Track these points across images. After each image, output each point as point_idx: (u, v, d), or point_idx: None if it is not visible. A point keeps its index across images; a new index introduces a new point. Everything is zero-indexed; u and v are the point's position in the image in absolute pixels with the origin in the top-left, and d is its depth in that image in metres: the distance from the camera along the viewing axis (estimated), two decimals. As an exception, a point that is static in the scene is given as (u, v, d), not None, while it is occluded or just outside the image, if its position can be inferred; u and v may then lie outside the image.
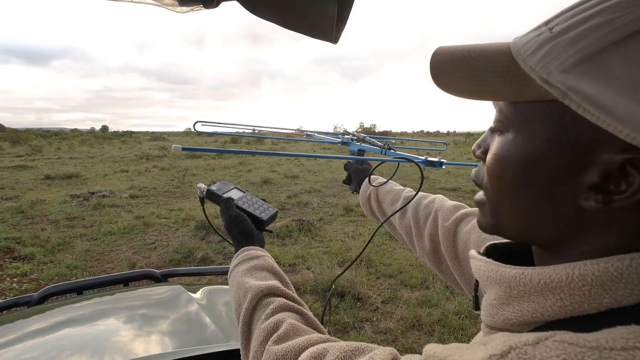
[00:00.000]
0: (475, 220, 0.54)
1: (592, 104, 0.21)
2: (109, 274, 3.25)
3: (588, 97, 0.21)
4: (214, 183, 0.69)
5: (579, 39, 0.22)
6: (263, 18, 0.41)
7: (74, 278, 3.19)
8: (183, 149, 0.47)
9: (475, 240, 0.51)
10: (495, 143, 0.29)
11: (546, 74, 0.23)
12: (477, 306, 0.38)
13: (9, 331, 0.90)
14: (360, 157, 0.71)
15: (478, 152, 0.33)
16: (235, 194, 0.68)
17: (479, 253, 0.33)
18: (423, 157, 0.67)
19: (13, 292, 2.93)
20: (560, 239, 0.27)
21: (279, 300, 0.46)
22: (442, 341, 2.21)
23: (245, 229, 0.62)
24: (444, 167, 0.67)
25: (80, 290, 1.17)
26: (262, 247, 0.62)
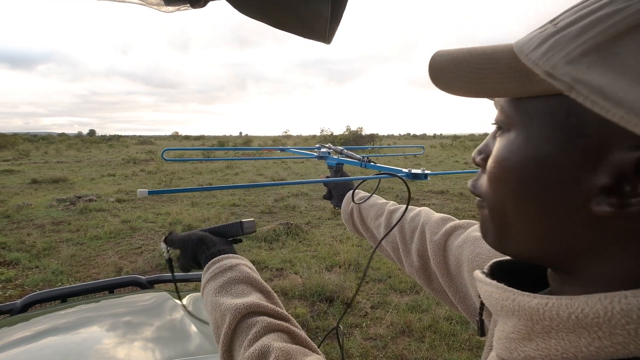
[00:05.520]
0: (466, 234, 0.50)
1: (601, 96, 0.19)
2: (94, 279, 3.20)
3: (596, 89, 0.19)
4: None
5: (586, 29, 0.20)
6: (253, 18, 0.39)
7: (60, 284, 3.13)
8: (150, 192, 0.42)
9: (468, 255, 0.47)
10: (496, 145, 0.27)
11: (550, 67, 0.21)
12: (482, 332, 0.34)
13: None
14: (344, 179, 0.66)
15: (478, 159, 0.30)
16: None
17: (484, 274, 0.29)
18: (407, 170, 0.62)
19: (-3, 298, 2.87)
20: (574, 255, 0.24)
21: (262, 321, 0.42)
22: (433, 347, 2.23)
23: (201, 236, 0.55)
24: (429, 178, 0.63)
25: (64, 298, 1.16)
26: (232, 246, 0.56)
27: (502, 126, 0.27)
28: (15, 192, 7.21)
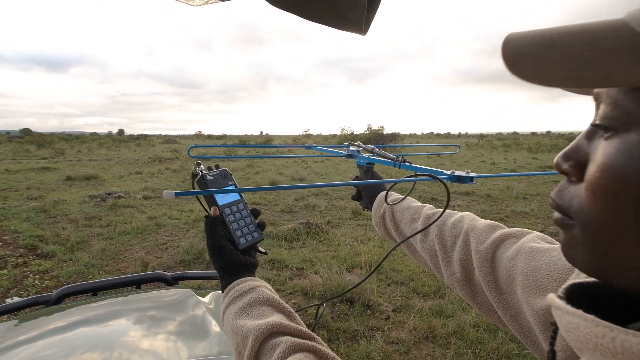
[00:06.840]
0: (519, 244, 0.45)
1: None
2: (123, 273, 3.33)
3: None
4: (216, 169, 0.61)
5: None
6: (284, 9, 0.37)
7: (91, 276, 3.29)
8: (176, 194, 0.43)
9: (523, 269, 0.42)
10: (604, 150, 0.22)
11: None
12: None
13: (29, 329, 0.93)
14: (377, 181, 0.64)
15: (566, 166, 0.24)
16: (228, 199, 0.61)
17: (561, 299, 0.24)
18: (449, 172, 0.56)
19: (35, 288, 3.05)
20: None
21: (286, 341, 0.39)
22: (458, 355, 2.15)
23: (228, 263, 0.52)
24: (474, 181, 0.55)
25: (95, 291, 1.20)
26: (254, 272, 0.54)
27: (614, 125, 0.21)
28: (52, 188, 7.66)
